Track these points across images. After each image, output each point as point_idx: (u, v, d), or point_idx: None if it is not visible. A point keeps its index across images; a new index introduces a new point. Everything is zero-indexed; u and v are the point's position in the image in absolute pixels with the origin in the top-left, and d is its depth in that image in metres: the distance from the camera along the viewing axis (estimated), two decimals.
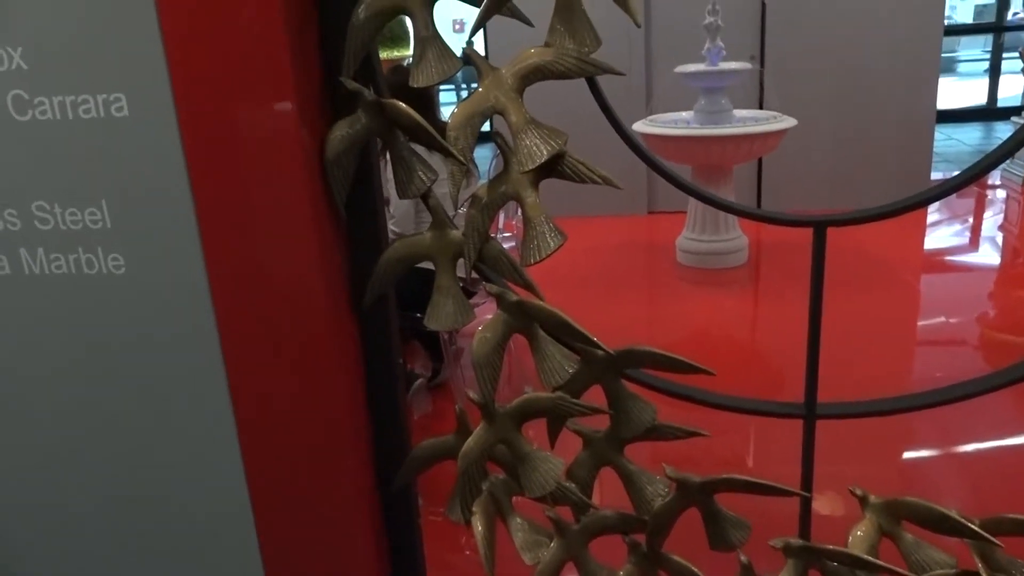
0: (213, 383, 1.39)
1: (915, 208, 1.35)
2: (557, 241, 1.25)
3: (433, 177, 1.35)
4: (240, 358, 1.38)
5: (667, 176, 1.44)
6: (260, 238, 1.32)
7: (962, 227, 5.91)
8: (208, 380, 1.39)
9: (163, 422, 1.44)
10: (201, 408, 1.42)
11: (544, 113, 1.32)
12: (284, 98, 1.25)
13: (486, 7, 1.18)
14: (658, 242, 5.64)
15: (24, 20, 1.25)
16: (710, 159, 4.68)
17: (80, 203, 1.33)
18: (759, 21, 5.82)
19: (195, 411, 1.42)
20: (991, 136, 9.34)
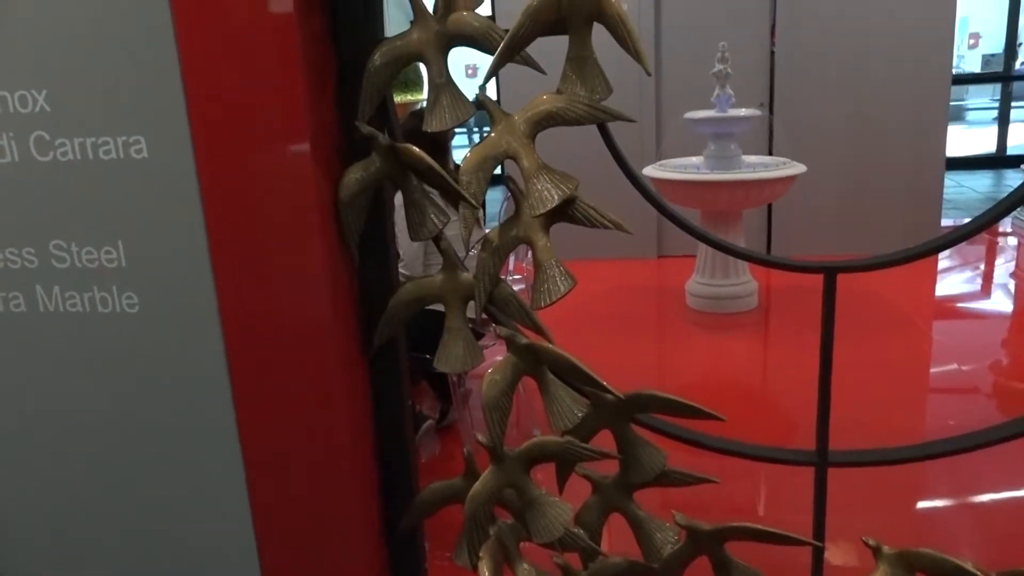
0: (222, 422, 1.39)
1: (926, 256, 1.35)
2: (567, 285, 1.26)
3: (445, 220, 1.36)
4: (250, 397, 1.38)
5: (677, 221, 1.45)
6: (273, 279, 1.33)
7: (973, 274, 5.89)
8: (217, 419, 1.39)
9: (171, 460, 1.44)
10: (209, 447, 1.42)
11: (555, 158, 1.34)
12: (300, 141, 1.27)
13: (499, 56, 1.21)
14: (668, 286, 5.64)
15: (49, 64, 1.28)
16: (719, 204, 4.70)
17: (97, 242, 1.35)
18: (768, 68, 5.89)
19: (203, 450, 1.42)
20: (1001, 184, 9.36)
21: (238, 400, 1.38)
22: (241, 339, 1.35)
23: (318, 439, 1.40)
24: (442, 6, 1.27)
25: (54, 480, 1.49)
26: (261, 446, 1.40)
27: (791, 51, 5.82)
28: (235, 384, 1.37)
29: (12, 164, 1.32)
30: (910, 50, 5.66)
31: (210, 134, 1.27)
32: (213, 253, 1.31)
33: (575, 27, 1.21)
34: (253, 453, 1.41)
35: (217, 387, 1.37)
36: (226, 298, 1.33)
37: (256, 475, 1.42)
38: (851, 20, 5.66)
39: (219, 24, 1.23)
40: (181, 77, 1.25)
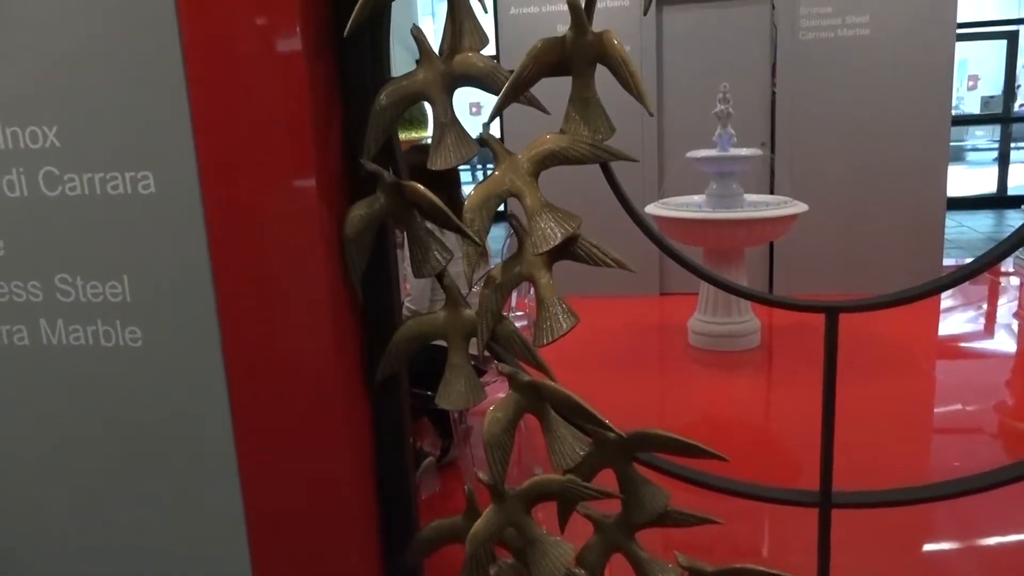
0: (223, 456, 1.39)
1: (928, 296, 1.36)
2: (570, 322, 1.26)
3: (448, 257, 1.37)
4: (251, 432, 1.38)
5: (679, 259, 1.46)
6: (276, 314, 1.33)
7: (976, 314, 5.88)
8: (218, 453, 1.39)
9: (171, 493, 1.43)
10: (209, 481, 1.41)
11: (558, 196, 1.35)
12: (306, 178, 1.28)
13: (504, 96, 1.23)
14: (670, 324, 5.63)
15: (60, 100, 1.30)
16: (721, 242, 4.72)
17: (102, 276, 1.36)
18: (769, 109, 5.95)
19: (203, 484, 1.41)
20: (1003, 224, 9.39)
21: (239, 434, 1.38)
22: (243, 374, 1.35)
23: (318, 475, 1.40)
24: (448, 47, 1.29)
25: (54, 511, 1.48)
26: (261, 481, 1.40)
27: (792, 92, 5.88)
28: (236, 418, 1.37)
29: (21, 199, 1.34)
30: (910, 91, 5.72)
31: (217, 170, 1.28)
32: (217, 288, 1.32)
33: (578, 69, 1.23)
34: (253, 488, 1.40)
35: (218, 421, 1.37)
36: (229, 333, 1.33)
37: (255, 510, 1.41)
38: (851, 62, 5.74)
39: (228, 62, 1.25)
40: (190, 113, 1.27)
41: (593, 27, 1.24)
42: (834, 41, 5.77)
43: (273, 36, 1.25)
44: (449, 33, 1.29)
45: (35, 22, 1.28)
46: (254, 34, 1.25)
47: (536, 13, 5.99)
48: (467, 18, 1.28)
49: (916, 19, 5.61)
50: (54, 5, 1.27)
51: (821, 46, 5.79)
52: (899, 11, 5.63)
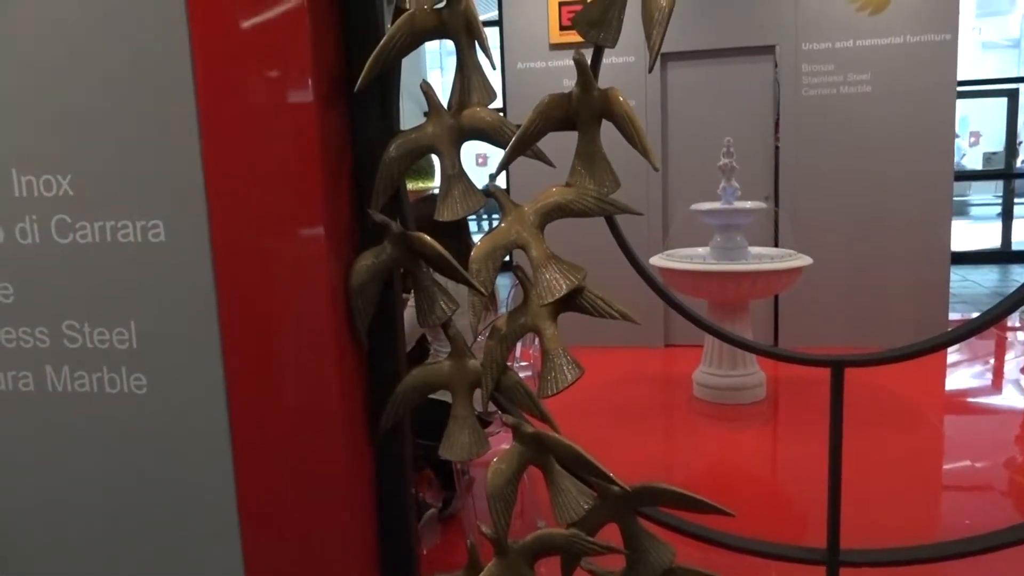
0: (224, 506, 1.37)
1: (935, 351, 1.36)
2: (574, 374, 1.26)
3: (454, 307, 1.38)
4: (253, 480, 1.37)
5: (684, 312, 1.46)
6: (282, 362, 1.33)
7: (983, 368, 5.85)
8: (219, 503, 1.37)
9: (171, 543, 1.41)
10: (209, 532, 1.39)
11: (564, 247, 1.36)
12: (314, 227, 1.30)
13: (511, 150, 1.25)
14: (675, 375, 5.60)
15: (75, 149, 1.32)
16: (726, 295, 4.73)
17: (109, 323, 1.36)
18: (773, 163, 6.01)
19: (203, 534, 1.40)
20: (1007, 278, 9.39)
21: (240, 482, 1.36)
22: (247, 422, 1.35)
23: (319, 525, 1.38)
24: (456, 101, 1.32)
25: (56, 555, 1.46)
26: (262, 531, 1.38)
27: (795, 146, 5.95)
28: (238, 466, 1.36)
29: (32, 245, 1.35)
30: (913, 147, 5.78)
31: (227, 219, 1.30)
32: (224, 336, 1.32)
33: (584, 124, 1.25)
34: (253, 538, 1.38)
35: (220, 468, 1.36)
36: (234, 381, 1.33)
37: (255, 559, 1.39)
38: (853, 118, 5.81)
39: (241, 113, 1.28)
40: (202, 163, 1.29)
41: (599, 82, 1.26)
42: (836, 98, 5.86)
43: (286, 88, 1.28)
44: (458, 88, 1.32)
45: (52, 73, 1.31)
46: (267, 86, 1.28)
47: (543, 68, 6.10)
48: (475, 74, 1.31)
49: (917, 77, 5.71)
50: (71, 56, 1.30)
51: (824, 102, 5.87)
52: (900, 69, 5.72)
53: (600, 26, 1.23)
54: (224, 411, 1.34)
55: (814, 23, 5.81)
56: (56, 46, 1.30)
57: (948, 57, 5.69)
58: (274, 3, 1.26)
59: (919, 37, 5.70)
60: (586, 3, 1.23)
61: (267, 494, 1.37)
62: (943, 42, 5.68)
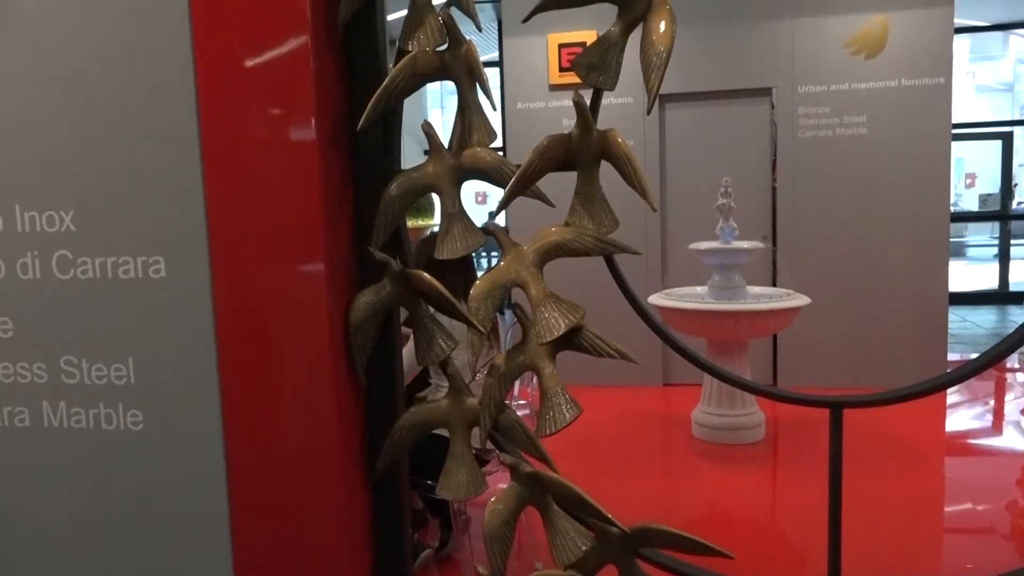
0: (218, 545, 1.36)
1: (935, 392, 1.35)
2: (573, 413, 1.26)
3: (453, 345, 1.38)
4: (248, 518, 1.36)
5: (682, 352, 1.46)
6: (279, 398, 1.33)
7: (983, 410, 5.82)
8: (213, 542, 1.36)
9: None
10: (203, 570, 1.37)
11: (563, 286, 1.37)
12: (315, 264, 1.30)
13: (511, 190, 1.26)
14: (674, 414, 5.58)
15: (78, 185, 1.33)
16: (725, 333, 4.72)
17: (107, 359, 1.36)
18: (770, 203, 6.06)
19: (198, 572, 1.38)
20: (1006, 319, 9.40)
21: (235, 520, 1.35)
22: (243, 458, 1.34)
23: (315, 565, 1.36)
24: (457, 141, 1.33)
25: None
26: (257, 571, 1.36)
27: (792, 187, 6.00)
28: (233, 505, 1.35)
29: (32, 281, 1.36)
30: (909, 188, 5.83)
31: (228, 255, 1.31)
32: (222, 372, 1.32)
33: (583, 164, 1.27)
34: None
35: (215, 508, 1.35)
36: (231, 417, 1.33)
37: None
38: (850, 159, 5.87)
39: (245, 151, 1.29)
40: (204, 200, 1.30)
41: (598, 122, 1.28)
42: (833, 139, 5.92)
43: (289, 127, 1.30)
44: (459, 128, 1.33)
45: (57, 109, 1.33)
46: (271, 124, 1.30)
47: (542, 108, 6.18)
48: (476, 114, 1.33)
49: (912, 119, 5.78)
50: (77, 92, 1.32)
51: (820, 144, 5.93)
52: (895, 112, 5.80)
53: (599, 69, 1.25)
54: (220, 448, 1.33)
55: (810, 66, 5.90)
56: (62, 82, 1.32)
57: (942, 100, 5.76)
58: (279, 43, 1.28)
59: (914, 81, 5.79)
60: (585, 47, 1.26)
61: (262, 532, 1.36)
62: (937, 86, 5.77)
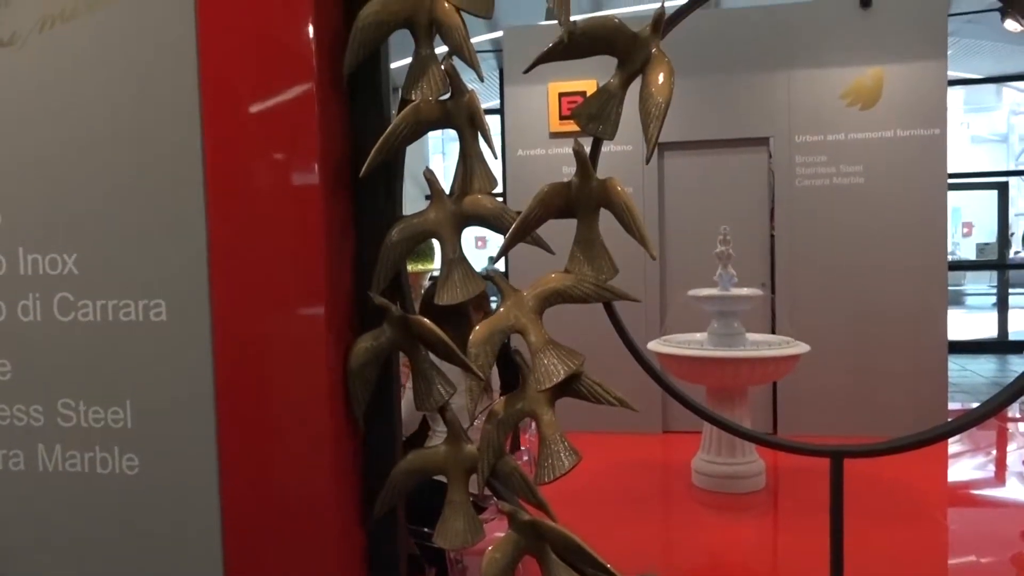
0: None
1: (936, 441, 1.35)
2: (572, 461, 1.25)
3: (451, 391, 1.37)
4: (242, 567, 1.34)
5: (682, 400, 1.46)
6: (276, 443, 1.32)
7: (985, 460, 5.77)
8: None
9: None
10: None
11: (562, 332, 1.37)
12: (315, 308, 1.31)
13: (511, 237, 1.27)
14: (673, 462, 5.53)
15: (82, 228, 1.34)
16: (724, 380, 4.71)
17: (104, 402, 1.36)
18: (768, 251, 6.10)
19: None
20: (1006, 368, 9.38)
21: (229, 568, 1.33)
22: (238, 504, 1.33)
23: None
24: (458, 188, 1.35)
25: None
26: None
27: (790, 235, 6.04)
28: (227, 552, 1.33)
29: (33, 323, 1.36)
30: (906, 237, 5.87)
31: (229, 298, 1.31)
32: (220, 417, 1.32)
33: (583, 212, 1.28)
34: None
35: (209, 554, 1.33)
36: (228, 462, 1.32)
37: None
38: (847, 208, 5.92)
39: (248, 195, 1.31)
40: (207, 243, 1.31)
41: (598, 169, 1.30)
42: (829, 188, 5.98)
43: (293, 172, 1.31)
44: (460, 175, 1.35)
45: (64, 151, 1.34)
46: (275, 169, 1.31)
47: (542, 155, 6.25)
48: (478, 162, 1.34)
49: (908, 169, 5.84)
50: (83, 134, 1.34)
51: (817, 192, 5.99)
52: (891, 161, 5.86)
53: (599, 119, 1.27)
54: (216, 494, 1.32)
55: (806, 116, 5.99)
56: (69, 126, 1.34)
57: (938, 150, 5.84)
58: (285, 90, 1.31)
59: (909, 131, 5.87)
60: (585, 97, 1.28)
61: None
62: (933, 136, 5.84)
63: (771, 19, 6.13)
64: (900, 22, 5.88)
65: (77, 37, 1.33)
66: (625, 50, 1.26)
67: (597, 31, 1.26)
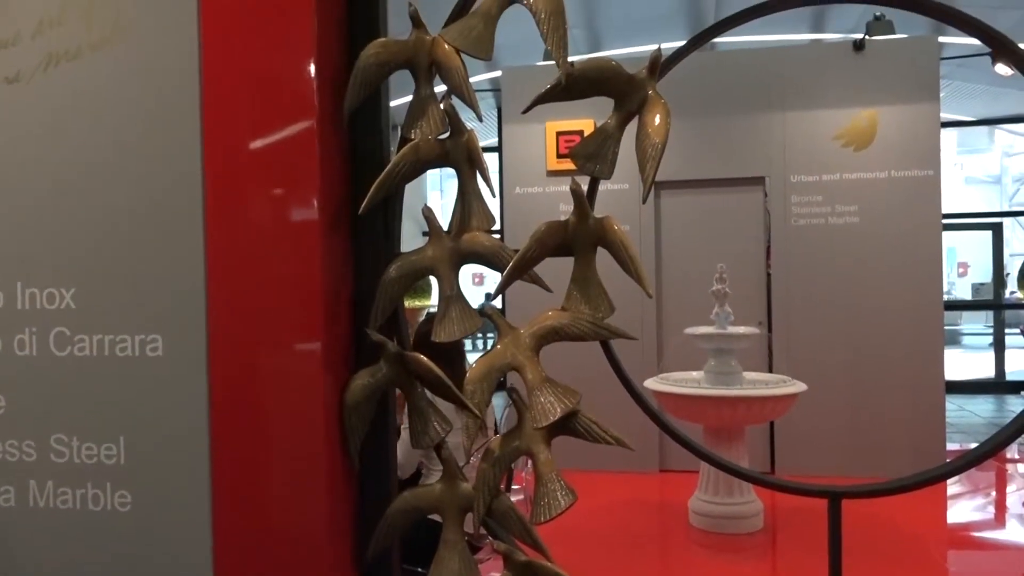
0: None
1: (934, 482, 1.34)
2: (568, 500, 1.24)
3: (448, 428, 1.37)
4: None
5: (679, 439, 1.45)
6: (271, 481, 1.31)
7: (985, 501, 5.73)
8: None
9: None
10: None
11: (558, 370, 1.37)
12: (313, 345, 1.31)
13: (508, 275, 1.28)
14: (670, 502, 5.48)
15: (80, 263, 1.35)
16: (721, 419, 4.69)
17: (98, 438, 1.35)
18: (765, 289, 6.12)
19: None
20: (1003, 409, 9.35)
21: None
22: (231, 543, 1.31)
23: None
24: (456, 226, 1.36)
25: None
26: None
27: (786, 274, 6.07)
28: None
29: (28, 358, 1.35)
30: (902, 276, 5.90)
31: (226, 333, 1.31)
32: (214, 454, 1.31)
33: (580, 251, 1.29)
34: None
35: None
36: (221, 499, 1.31)
37: None
38: (843, 248, 5.96)
39: (248, 230, 1.31)
40: (205, 278, 1.31)
41: (595, 208, 1.31)
42: (825, 228, 6.02)
43: (293, 208, 1.32)
44: (458, 213, 1.36)
45: (63, 188, 1.35)
46: (275, 205, 1.32)
47: (540, 193, 6.29)
48: (476, 200, 1.35)
49: (903, 209, 5.89)
50: (81, 173, 1.35)
51: (813, 232, 6.03)
52: (886, 201, 5.91)
53: (596, 159, 1.28)
54: (208, 531, 1.31)
55: (801, 157, 6.05)
56: (69, 160, 1.35)
57: (932, 191, 5.89)
58: (286, 126, 1.32)
59: (903, 172, 5.93)
60: (583, 137, 1.29)
61: None
62: (927, 177, 5.90)
63: (766, 61, 6.22)
64: (893, 65, 5.98)
65: (81, 75, 1.35)
66: (622, 92, 1.28)
67: (594, 73, 1.28)
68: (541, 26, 1.26)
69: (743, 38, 7.35)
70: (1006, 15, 7.17)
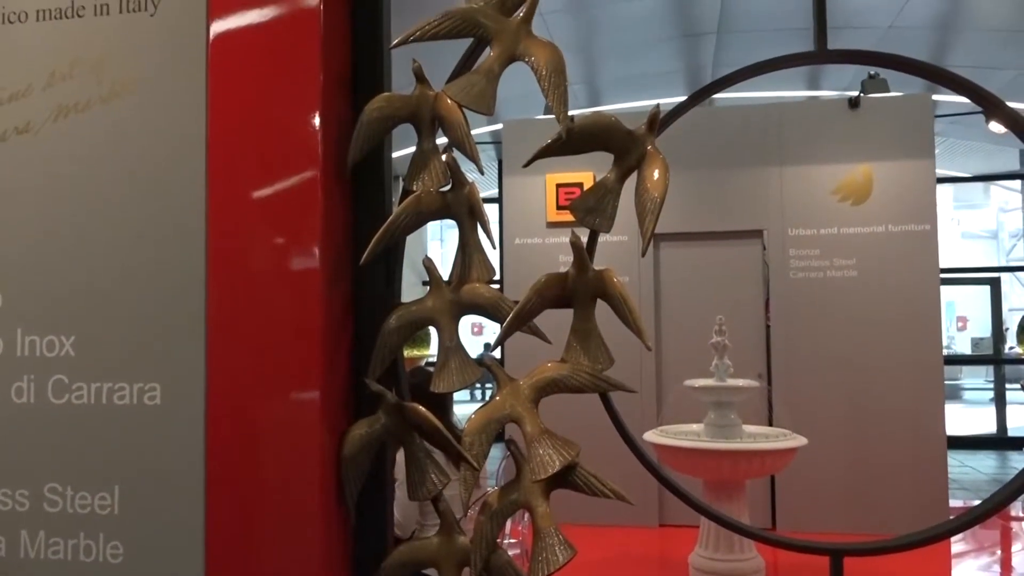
0: None
1: (939, 540, 1.33)
2: (566, 555, 1.22)
3: (445, 480, 1.35)
4: None
5: (679, 494, 1.44)
6: (266, 533, 1.29)
7: (990, 559, 5.63)
8: None
9: None
10: None
11: (557, 422, 1.36)
12: (311, 395, 1.30)
13: (507, 326, 1.28)
14: (670, 558, 5.38)
15: (82, 311, 1.35)
16: (721, 473, 4.63)
17: (92, 487, 1.33)
18: (764, 342, 6.11)
19: None
20: (1006, 465, 9.25)
21: None
22: None
23: None
24: (457, 277, 1.37)
25: None
26: None
27: (785, 327, 6.07)
28: None
29: (26, 405, 1.35)
30: (901, 330, 5.89)
31: (225, 382, 1.31)
32: (208, 504, 1.29)
33: (580, 302, 1.29)
34: None
35: None
36: (214, 551, 1.29)
37: None
38: (841, 301, 5.97)
39: (249, 280, 1.32)
40: (205, 326, 1.31)
41: (594, 260, 1.32)
42: (823, 281, 6.04)
43: (294, 257, 1.33)
44: (459, 264, 1.37)
45: (67, 237, 1.36)
46: (276, 255, 1.33)
47: (539, 244, 6.33)
48: (476, 252, 1.36)
49: (901, 263, 5.92)
50: (85, 222, 1.36)
51: (811, 285, 6.05)
52: (884, 256, 5.94)
53: (596, 213, 1.30)
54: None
55: (799, 211, 6.11)
56: (74, 210, 1.37)
57: (929, 246, 5.93)
58: (290, 176, 1.34)
59: (900, 227, 5.97)
60: (583, 191, 1.31)
61: None
62: (924, 232, 5.94)
63: (763, 117, 6.32)
64: (888, 122, 6.07)
65: (90, 127, 1.37)
66: (621, 147, 1.30)
67: (593, 128, 1.30)
68: (542, 83, 1.29)
69: (741, 94, 7.48)
70: (1001, 75, 7.31)
